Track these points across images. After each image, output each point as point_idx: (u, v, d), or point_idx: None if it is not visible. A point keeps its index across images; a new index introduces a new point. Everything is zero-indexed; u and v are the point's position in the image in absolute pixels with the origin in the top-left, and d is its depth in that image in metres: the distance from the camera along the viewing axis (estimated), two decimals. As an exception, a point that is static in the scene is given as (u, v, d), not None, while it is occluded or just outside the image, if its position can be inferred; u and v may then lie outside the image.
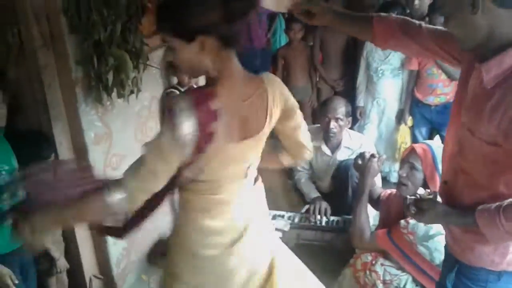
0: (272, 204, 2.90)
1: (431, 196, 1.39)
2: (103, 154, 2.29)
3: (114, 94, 2.17)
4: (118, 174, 1.64)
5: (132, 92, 2.25)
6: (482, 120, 1.21)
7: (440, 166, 1.89)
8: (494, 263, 1.32)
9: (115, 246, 2.41)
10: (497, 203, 1.21)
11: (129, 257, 2.58)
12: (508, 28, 1.14)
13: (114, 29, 2.04)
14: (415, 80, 3.40)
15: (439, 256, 1.83)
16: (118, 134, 2.37)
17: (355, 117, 3.64)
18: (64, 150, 2.13)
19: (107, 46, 2.04)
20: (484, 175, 1.27)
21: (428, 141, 2.16)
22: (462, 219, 1.30)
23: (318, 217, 2.73)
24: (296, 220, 2.75)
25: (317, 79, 4.07)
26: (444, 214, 1.33)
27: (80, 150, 2.18)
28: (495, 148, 1.20)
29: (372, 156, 2.29)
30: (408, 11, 3.54)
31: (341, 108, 2.73)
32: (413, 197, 1.40)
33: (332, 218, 2.74)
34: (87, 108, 2.15)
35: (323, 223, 2.71)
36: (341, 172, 2.80)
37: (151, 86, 2.64)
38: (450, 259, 1.45)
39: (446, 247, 1.49)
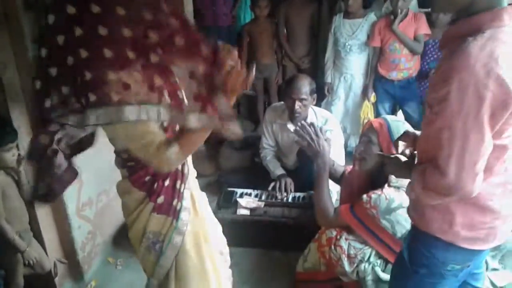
0: (241, 181, 2.93)
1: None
2: (63, 136, 2.22)
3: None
4: (80, 157, 1.62)
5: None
6: (430, 84, 1.29)
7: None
8: (441, 230, 1.37)
9: (79, 230, 2.37)
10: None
11: (94, 240, 2.55)
12: (475, 1, 1.21)
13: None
14: (378, 56, 3.44)
15: (401, 229, 1.88)
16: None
17: (323, 93, 3.66)
18: (23, 134, 2.05)
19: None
20: (425, 139, 1.33)
21: (386, 115, 2.19)
22: (409, 174, 1.37)
23: (285, 194, 2.76)
24: (263, 197, 2.77)
25: (283, 57, 4.06)
26: (400, 168, 1.46)
27: (39, 133, 2.10)
28: (429, 112, 1.27)
29: (326, 140, 2.27)
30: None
31: (305, 88, 2.72)
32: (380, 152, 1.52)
33: (298, 194, 2.78)
34: (44, 88, 2.06)
35: (290, 200, 2.74)
36: (306, 149, 2.81)
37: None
38: (411, 227, 1.52)
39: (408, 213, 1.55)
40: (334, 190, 2.33)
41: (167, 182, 1.61)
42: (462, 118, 1.16)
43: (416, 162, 1.46)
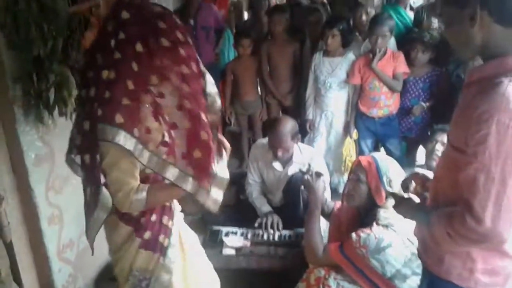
0: (226, 220, 2.90)
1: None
2: (45, 175, 2.16)
3: (56, 113, 2.07)
4: (61, 197, 1.58)
5: (75, 110, 2.15)
6: (454, 124, 1.27)
7: (384, 179, 1.96)
8: (462, 277, 1.33)
9: (60, 273, 2.28)
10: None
11: (75, 283, 2.44)
12: (501, 42, 1.22)
13: (55, 45, 1.95)
14: (358, 93, 3.51)
15: (390, 269, 1.87)
16: (61, 154, 2.25)
17: (305, 130, 3.69)
18: (3, 173, 2.00)
19: (48, 62, 1.94)
20: (447, 182, 1.30)
21: (374, 153, 2.22)
22: (425, 217, 1.33)
23: (271, 231, 2.73)
24: (249, 236, 2.73)
25: (266, 94, 4.10)
26: (413, 209, 1.41)
27: (20, 172, 2.06)
28: (459, 155, 1.24)
29: (317, 175, 2.32)
30: (352, 25, 3.68)
31: (285, 136, 2.72)
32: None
33: (284, 232, 2.75)
34: (27, 128, 2.03)
35: (276, 238, 2.71)
36: (292, 186, 2.81)
37: (96, 103, 2.54)
38: (423, 272, 1.47)
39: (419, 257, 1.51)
40: (322, 226, 2.34)
41: (153, 217, 1.61)
42: (501, 162, 1.13)
43: (429, 204, 1.42)
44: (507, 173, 1.13)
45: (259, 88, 4.11)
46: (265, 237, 2.71)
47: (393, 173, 1.96)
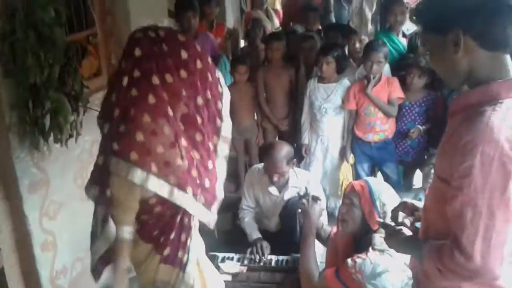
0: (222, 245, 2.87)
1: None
2: (39, 202, 2.16)
3: (51, 139, 2.08)
4: (55, 223, 1.59)
5: (71, 136, 2.17)
6: (439, 154, 1.23)
7: (378, 203, 1.95)
8: None
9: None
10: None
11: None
12: (487, 68, 1.17)
13: (51, 72, 1.97)
14: (354, 118, 3.53)
15: (387, 294, 1.85)
16: (56, 180, 2.26)
17: (301, 155, 3.70)
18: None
19: (44, 89, 1.96)
20: (436, 213, 1.25)
21: (368, 178, 2.21)
22: (416, 251, 1.28)
23: (264, 258, 2.71)
24: (246, 261, 2.71)
25: (262, 119, 4.12)
26: (404, 242, 1.34)
27: (14, 199, 2.05)
28: (446, 186, 1.18)
29: (314, 199, 2.32)
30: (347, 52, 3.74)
31: (280, 161, 2.74)
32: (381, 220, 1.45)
33: (281, 257, 2.72)
34: (22, 154, 2.04)
35: (273, 264, 2.68)
36: (288, 211, 2.81)
37: (93, 130, 2.56)
38: None
39: None
40: (318, 251, 2.32)
41: (172, 235, 1.70)
42: (488, 195, 1.07)
43: (420, 235, 1.35)
44: (495, 206, 1.07)
45: (255, 113, 4.13)
46: (262, 263, 2.69)
47: (386, 197, 1.95)
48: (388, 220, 1.58)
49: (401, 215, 1.48)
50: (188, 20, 3.75)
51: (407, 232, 1.37)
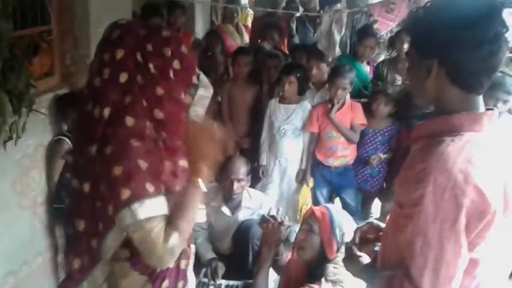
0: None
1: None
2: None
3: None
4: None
5: (10, 138, 1.99)
6: (398, 180, 1.21)
7: (337, 231, 1.88)
8: None
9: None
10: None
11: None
12: (454, 102, 1.16)
13: (-7, 67, 1.81)
14: (315, 141, 3.49)
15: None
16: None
17: (258, 176, 3.61)
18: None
19: (-17, 85, 1.80)
20: (393, 241, 1.22)
21: (328, 204, 2.15)
22: (371, 279, 1.26)
23: (217, 281, 2.60)
24: (195, 284, 2.56)
25: (223, 136, 4.02)
26: (361, 269, 1.32)
27: None
28: (400, 212, 1.17)
29: (280, 223, 2.20)
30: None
31: (242, 168, 2.71)
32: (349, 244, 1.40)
33: (233, 282, 2.62)
34: (-49, 155, 1.85)
35: (223, 288, 2.56)
36: (242, 233, 2.71)
37: (37, 133, 2.40)
38: None
39: None
40: (271, 278, 2.23)
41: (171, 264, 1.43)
42: (438, 226, 1.05)
43: (378, 262, 1.31)
44: (445, 238, 1.05)
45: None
46: (211, 286, 2.57)
47: (346, 226, 1.90)
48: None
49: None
50: (154, 26, 3.69)
51: (366, 259, 1.34)
